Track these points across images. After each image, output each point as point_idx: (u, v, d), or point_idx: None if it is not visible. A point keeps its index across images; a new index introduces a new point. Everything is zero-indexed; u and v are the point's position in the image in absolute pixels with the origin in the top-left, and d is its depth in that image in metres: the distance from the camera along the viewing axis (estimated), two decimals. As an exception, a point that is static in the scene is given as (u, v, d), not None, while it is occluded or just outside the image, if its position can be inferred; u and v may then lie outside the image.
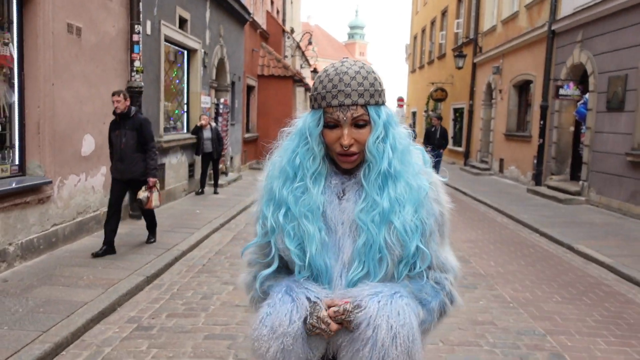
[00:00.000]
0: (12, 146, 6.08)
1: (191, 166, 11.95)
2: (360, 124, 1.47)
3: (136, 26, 8.36)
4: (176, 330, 4.36)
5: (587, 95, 12.13)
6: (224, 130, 13.95)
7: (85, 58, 7.14)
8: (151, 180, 6.46)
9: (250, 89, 18.78)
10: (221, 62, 14.19)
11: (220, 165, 12.99)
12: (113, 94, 6.33)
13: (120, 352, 3.95)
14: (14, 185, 5.70)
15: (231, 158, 15.58)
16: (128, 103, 6.36)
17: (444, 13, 26.42)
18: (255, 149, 19.30)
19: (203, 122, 11.61)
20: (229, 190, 12.84)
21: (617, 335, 4.58)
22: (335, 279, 1.50)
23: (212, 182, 12.41)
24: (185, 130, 12.00)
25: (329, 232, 1.51)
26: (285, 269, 1.59)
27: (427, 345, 4.15)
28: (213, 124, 12.17)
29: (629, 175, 10.25)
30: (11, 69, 5.96)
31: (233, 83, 15.55)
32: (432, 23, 28.86)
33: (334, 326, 1.43)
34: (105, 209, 6.95)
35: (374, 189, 1.49)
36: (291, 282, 1.50)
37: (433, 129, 15.30)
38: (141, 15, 8.49)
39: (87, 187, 7.18)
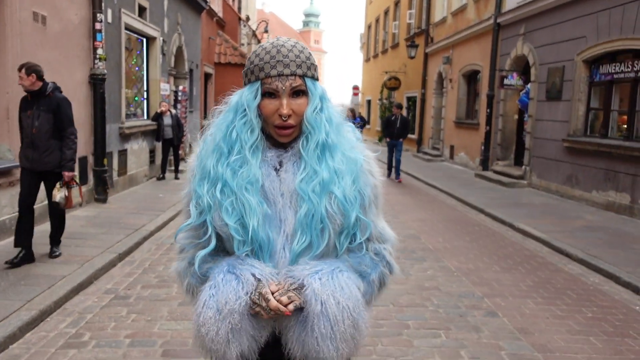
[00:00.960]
0: (-19, 131, 6.21)
1: (152, 152, 12.17)
2: (297, 92, 1.48)
3: (98, 14, 8.55)
4: (152, 299, 4.75)
5: (529, 85, 12.90)
6: (182, 117, 14.16)
7: (50, 45, 7.33)
8: (66, 175, 5.27)
9: (207, 76, 18.94)
10: (179, 50, 14.35)
11: (180, 152, 13.23)
12: (18, 69, 5.30)
13: (101, 317, 4.31)
14: (-15, 168, 5.88)
15: (190, 145, 15.79)
16: (33, 79, 5.22)
17: (397, 3, 27.04)
18: (213, 136, 19.50)
19: (163, 108, 11.83)
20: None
21: (545, 297, 5.22)
22: (278, 251, 1.48)
23: (173, 167, 12.68)
24: (145, 117, 12.19)
25: (269, 205, 1.49)
26: (222, 251, 1.55)
27: (378, 307, 4.67)
28: (173, 111, 12.39)
29: (566, 160, 11.07)
30: (-20, 56, 6.10)
31: (191, 71, 15.72)
32: (386, 13, 29.43)
33: (273, 303, 1.39)
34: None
35: (313, 159, 1.50)
36: (233, 261, 1.47)
37: (393, 118, 14.39)
38: (103, 4, 8.68)
39: (53, 171, 7.36)
